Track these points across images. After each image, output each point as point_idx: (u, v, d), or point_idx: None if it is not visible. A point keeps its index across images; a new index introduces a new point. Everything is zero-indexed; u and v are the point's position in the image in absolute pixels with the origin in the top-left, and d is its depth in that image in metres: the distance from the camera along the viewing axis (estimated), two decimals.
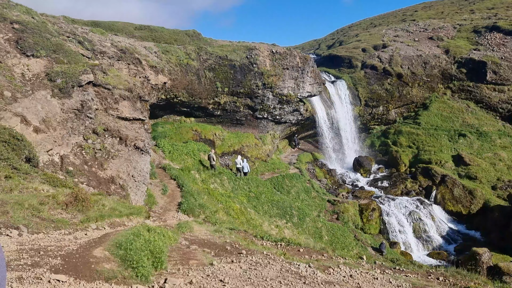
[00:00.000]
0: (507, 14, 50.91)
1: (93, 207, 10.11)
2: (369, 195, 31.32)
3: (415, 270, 9.01)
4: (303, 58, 35.11)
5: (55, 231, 7.83)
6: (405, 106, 42.05)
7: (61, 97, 14.76)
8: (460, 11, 59.87)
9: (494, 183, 31.02)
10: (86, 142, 14.73)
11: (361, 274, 7.79)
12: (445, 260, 25.09)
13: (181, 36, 32.46)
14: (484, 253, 20.23)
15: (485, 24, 47.39)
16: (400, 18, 64.56)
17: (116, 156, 15.22)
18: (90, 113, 15.38)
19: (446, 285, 7.57)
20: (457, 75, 41.48)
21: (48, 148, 13.41)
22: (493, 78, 39.62)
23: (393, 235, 27.90)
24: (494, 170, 32.30)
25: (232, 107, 32.12)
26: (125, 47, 22.93)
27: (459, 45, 44.25)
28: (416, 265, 10.37)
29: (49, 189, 10.49)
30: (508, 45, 42.08)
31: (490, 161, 33.38)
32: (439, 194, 30.91)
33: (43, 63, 15.69)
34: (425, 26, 52.22)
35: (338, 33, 73.34)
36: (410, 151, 36.96)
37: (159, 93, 25.68)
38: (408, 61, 42.62)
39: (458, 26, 49.93)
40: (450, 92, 41.42)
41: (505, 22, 46.48)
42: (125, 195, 14.70)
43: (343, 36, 63.35)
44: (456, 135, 36.79)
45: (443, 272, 8.57)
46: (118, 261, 6.22)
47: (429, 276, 8.27)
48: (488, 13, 54.00)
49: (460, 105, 39.97)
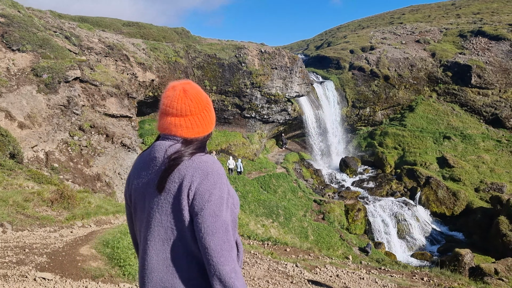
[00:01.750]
0: (492, 19, 51.86)
1: (78, 204, 9.99)
2: (355, 196, 31.58)
3: (400, 270, 9.13)
4: (292, 58, 35.23)
5: (40, 229, 7.72)
6: (392, 108, 42.52)
7: (47, 93, 14.54)
8: (446, 15, 60.77)
9: (477, 185, 31.57)
10: (72, 139, 14.54)
11: (348, 274, 7.86)
12: (428, 260, 25.44)
13: (170, 33, 32.27)
14: (466, 254, 20.55)
15: (471, 29, 48.21)
16: (388, 21, 65.24)
17: (103, 153, 15.06)
18: (77, 109, 15.18)
19: (431, 285, 7.69)
20: (443, 78, 42.11)
21: (33, 144, 13.19)
22: (478, 82, 40.34)
23: (378, 236, 28.18)
24: (477, 173, 32.88)
25: (220, 106, 32.07)
26: (113, 43, 22.69)
27: (445, 49, 44.93)
28: (401, 266, 10.51)
29: (34, 185, 10.33)
30: (493, 50, 42.88)
31: (473, 164, 33.97)
32: (424, 196, 31.33)
33: (29, 58, 15.43)
34: (412, 29, 52.87)
35: (326, 34, 73.78)
36: (395, 152, 37.38)
37: (147, 90, 25.48)
38: (395, 64, 43.10)
39: (444, 30, 50.67)
40: (435, 95, 42.03)
41: (490, 27, 47.35)
42: (111, 192, 14.56)
43: (331, 37, 63.73)
44: (441, 137, 37.35)
45: (427, 273, 8.70)
46: (105, 259, 6.16)
47: (414, 276, 8.39)
48: (474, 18, 54.94)
49: (445, 107, 40.59)
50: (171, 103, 2.15)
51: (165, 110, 2.16)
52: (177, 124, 2.14)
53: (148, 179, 2.15)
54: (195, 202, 2.01)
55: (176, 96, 2.15)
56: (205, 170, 2.06)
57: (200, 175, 2.04)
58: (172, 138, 2.16)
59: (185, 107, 2.15)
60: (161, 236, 2.11)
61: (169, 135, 2.17)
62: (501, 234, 24.07)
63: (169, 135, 2.17)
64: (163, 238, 2.11)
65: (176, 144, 2.13)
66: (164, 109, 2.17)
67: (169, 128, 2.15)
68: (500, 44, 43.44)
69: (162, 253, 2.11)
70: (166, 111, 2.16)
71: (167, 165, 2.08)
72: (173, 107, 2.14)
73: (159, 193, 2.08)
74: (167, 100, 2.16)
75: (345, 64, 44.19)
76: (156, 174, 2.11)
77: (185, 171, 2.06)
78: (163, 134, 2.20)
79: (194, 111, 2.17)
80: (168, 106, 2.15)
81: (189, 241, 2.09)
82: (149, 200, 2.12)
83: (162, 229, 2.10)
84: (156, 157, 2.14)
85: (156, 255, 2.12)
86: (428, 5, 71.74)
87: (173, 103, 2.15)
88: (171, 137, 2.16)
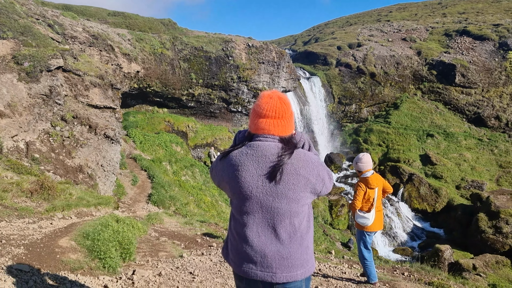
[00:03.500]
0: (477, 19, 52.62)
1: (59, 196, 9.80)
2: (339, 191, 31.83)
3: (381, 265, 9.21)
4: (279, 53, 35.16)
5: (18, 220, 7.54)
6: (377, 105, 42.89)
7: (28, 81, 14.20)
8: (433, 14, 61.43)
9: (458, 182, 32.13)
10: (53, 129, 14.24)
11: (330, 268, 7.90)
12: (409, 256, 25.84)
13: (156, 24, 31.86)
14: (446, 250, 20.91)
15: (456, 28, 48.83)
16: (375, 18, 65.65)
17: (85, 145, 14.80)
18: (59, 99, 14.87)
19: (411, 280, 7.77)
20: (428, 77, 42.62)
21: (13, 133, 12.89)
22: (462, 81, 40.94)
23: None
24: (459, 170, 33.46)
25: (206, 99, 31.86)
26: (98, 33, 22.28)
27: (431, 47, 45.44)
28: (382, 261, 10.61)
29: (13, 176, 10.09)
30: (477, 50, 43.53)
31: (455, 161, 34.55)
32: (406, 192, 31.77)
33: (9, 45, 15.02)
34: (399, 27, 53.31)
35: (314, 30, 73.89)
36: (380, 149, 37.76)
37: (132, 81, 25.14)
38: (382, 61, 43.42)
39: (430, 29, 51.22)
40: (420, 93, 42.53)
41: (475, 27, 48.04)
42: (94, 184, 14.34)
43: (319, 33, 63.85)
44: (425, 135, 37.86)
45: (408, 268, 8.80)
46: (85, 251, 6.05)
47: (394, 271, 8.48)
48: (459, 18, 55.66)
49: (430, 106, 41.12)
50: (271, 108, 2.68)
51: (265, 114, 2.68)
52: (275, 124, 2.67)
53: (262, 172, 2.60)
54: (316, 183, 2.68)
55: (275, 103, 2.69)
56: (306, 160, 2.67)
57: (303, 164, 2.63)
58: (272, 138, 2.66)
59: (282, 111, 2.70)
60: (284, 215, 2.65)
61: (267, 135, 2.67)
62: (480, 231, 24.58)
63: (267, 135, 2.67)
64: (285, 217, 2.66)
65: (278, 143, 2.65)
66: (265, 113, 2.68)
67: (268, 129, 2.67)
68: (484, 44, 44.13)
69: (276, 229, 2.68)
70: (266, 114, 2.67)
71: (279, 161, 2.58)
72: (274, 111, 2.67)
73: (273, 182, 2.58)
74: (267, 105, 2.68)
75: (332, 60, 44.34)
76: (270, 168, 2.59)
77: (294, 162, 2.62)
78: (261, 135, 2.68)
79: (286, 114, 2.72)
80: (268, 110, 2.67)
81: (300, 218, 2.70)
82: (261, 187, 2.61)
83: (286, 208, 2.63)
84: (265, 155, 2.60)
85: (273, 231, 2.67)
86: (415, 4, 72.42)
87: (273, 108, 2.68)
88: (270, 136, 2.66)
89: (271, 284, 2.64)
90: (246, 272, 2.68)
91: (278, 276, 2.61)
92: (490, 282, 16.11)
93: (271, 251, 2.61)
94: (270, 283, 2.64)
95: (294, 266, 2.63)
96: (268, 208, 2.61)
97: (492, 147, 36.38)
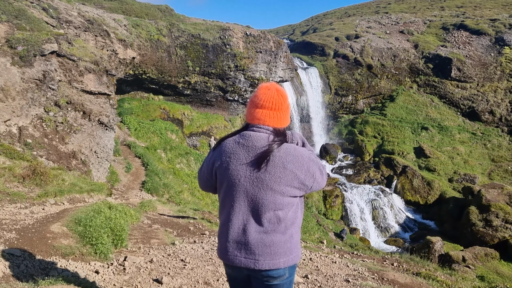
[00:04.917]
0: (475, 14, 52.52)
1: (52, 181, 9.79)
2: (334, 182, 31.99)
3: (371, 256, 9.33)
4: (277, 42, 34.97)
5: (10, 205, 7.54)
6: (373, 97, 42.92)
7: (22, 66, 14.06)
8: (431, 7, 61.20)
9: (451, 175, 32.39)
10: (47, 114, 14.16)
11: (321, 258, 7.98)
12: (400, 247, 26.14)
13: (153, 10, 31.53)
14: (437, 242, 21.17)
15: (453, 22, 48.72)
16: (374, 10, 65.33)
17: (79, 131, 14.74)
18: (53, 85, 14.75)
19: (400, 270, 7.88)
20: (424, 70, 42.63)
21: (5, 118, 12.80)
22: (457, 75, 41.01)
23: (354, 222, 28.73)
24: (452, 164, 33.71)
25: (202, 87, 31.71)
26: (93, 18, 22.04)
27: (428, 41, 45.37)
28: (373, 251, 10.73)
29: (5, 161, 10.06)
30: (473, 44, 43.53)
31: (448, 155, 34.78)
32: (399, 184, 31.99)
33: (3, 29, 14.84)
34: (397, 19, 53.10)
35: (313, 20, 73.47)
36: (375, 141, 37.90)
37: (127, 68, 24.96)
38: (379, 53, 43.33)
39: (428, 22, 51.08)
40: (416, 86, 42.58)
41: (472, 21, 47.96)
42: (87, 171, 14.32)
43: (317, 24, 63.50)
44: (419, 128, 38.02)
45: (397, 258, 8.91)
46: (76, 237, 6.07)
47: (384, 261, 8.59)
48: (457, 11, 55.52)
49: (425, 99, 41.21)
50: (268, 99, 2.71)
51: (262, 105, 2.71)
52: (271, 115, 2.71)
53: (251, 162, 2.66)
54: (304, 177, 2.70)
55: (272, 94, 2.73)
56: (295, 154, 2.69)
57: (292, 159, 2.66)
58: (265, 129, 2.70)
59: (279, 103, 2.73)
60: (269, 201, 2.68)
61: (262, 125, 2.71)
62: (470, 224, 24.86)
63: (262, 125, 2.71)
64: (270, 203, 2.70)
65: (270, 135, 2.68)
66: (262, 104, 2.72)
67: (263, 119, 2.71)
68: (480, 38, 44.12)
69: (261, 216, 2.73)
70: (263, 105, 2.71)
71: (267, 150, 2.62)
72: (270, 102, 2.71)
73: (259, 171, 2.62)
74: (265, 96, 2.72)
75: (330, 51, 44.19)
76: (257, 157, 2.64)
77: (280, 154, 2.66)
78: (256, 125, 2.72)
79: (283, 107, 2.76)
80: (265, 101, 2.71)
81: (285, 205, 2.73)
82: (248, 176, 2.66)
83: (270, 196, 2.66)
84: (255, 145, 2.65)
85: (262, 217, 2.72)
86: None
87: (270, 99, 2.71)
88: (264, 127, 2.70)
89: (254, 270, 2.70)
90: (231, 260, 2.75)
91: (261, 263, 2.67)
92: (478, 274, 16.36)
93: (254, 238, 2.67)
94: (254, 270, 2.70)
95: (276, 254, 2.68)
96: (254, 198, 2.66)
97: (485, 141, 36.62)
